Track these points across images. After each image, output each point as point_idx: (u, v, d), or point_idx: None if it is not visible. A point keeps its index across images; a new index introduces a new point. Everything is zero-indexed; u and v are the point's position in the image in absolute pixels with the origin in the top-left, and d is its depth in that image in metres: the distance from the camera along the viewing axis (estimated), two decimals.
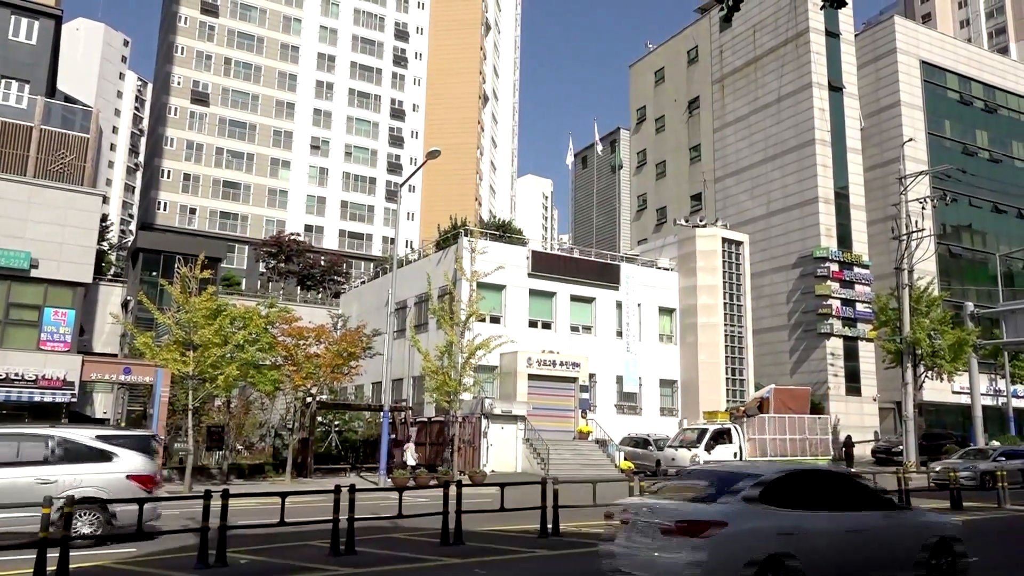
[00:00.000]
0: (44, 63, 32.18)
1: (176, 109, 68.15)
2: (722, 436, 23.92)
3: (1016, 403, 46.83)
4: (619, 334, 39.69)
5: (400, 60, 79.75)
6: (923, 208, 40.91)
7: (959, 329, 38.28)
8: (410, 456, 29.20)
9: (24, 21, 31.72)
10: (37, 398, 25.52)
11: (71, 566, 9.35)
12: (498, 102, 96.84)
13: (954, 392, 47.86)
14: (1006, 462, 25.79)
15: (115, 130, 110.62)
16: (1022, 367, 46.78)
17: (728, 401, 40.19)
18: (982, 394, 42.08)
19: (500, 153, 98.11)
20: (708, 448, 23.39)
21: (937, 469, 26.42)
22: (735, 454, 23.69)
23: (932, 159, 52.42)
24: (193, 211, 67.41)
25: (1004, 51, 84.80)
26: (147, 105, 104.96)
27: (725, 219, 49.07)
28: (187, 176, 67.74)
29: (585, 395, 35.95)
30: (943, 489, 24.10)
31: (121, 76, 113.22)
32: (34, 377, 25.51)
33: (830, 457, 26.52)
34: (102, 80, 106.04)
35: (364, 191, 75.47)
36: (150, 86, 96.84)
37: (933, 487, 24.27)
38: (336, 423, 35.21)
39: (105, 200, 44.88)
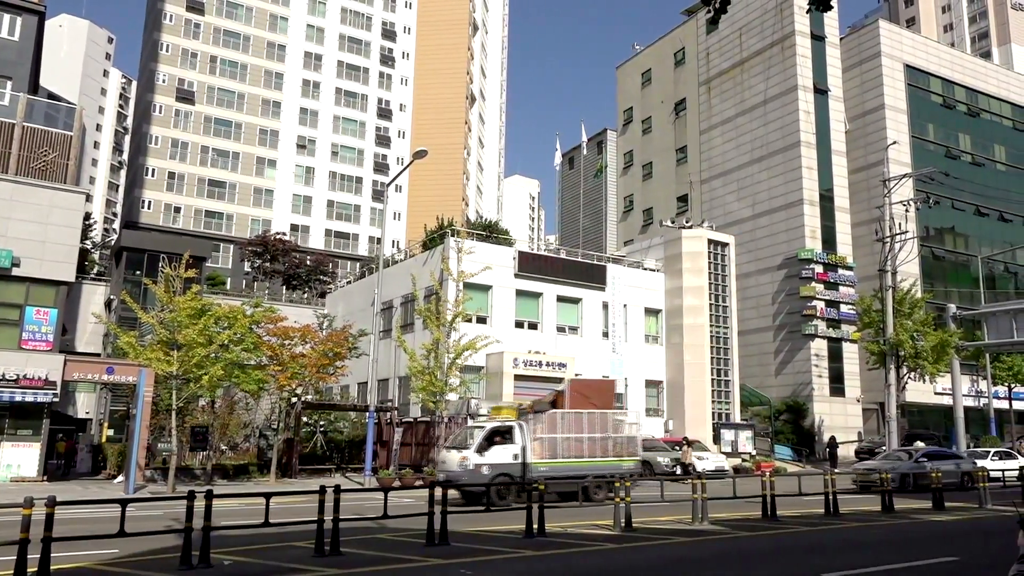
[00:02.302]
0: (27, 60, 31.88)
1: (161, 107, 67.69)
2: (502, 435, 20.51)
3: (997, 404, 47.30)
4: (605, 335, 39.78)
5: (387, 59, 79.58)
6: (907, 210, 41.24)
7: (942, 331, 38.62)
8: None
9: (6, 17, 31.41)
10: (18, 398, 25.28)
11: (52, 567, 9.26)
12: (485, 102, 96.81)
13: (936, 393, 48.30)
14: (928, 463, 25.33)
15: (99, 128, 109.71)
16: (1003, 369, 47.21)
17: (714, 403, 40.43)
18: (964, 395, 42.46)
19: (487, 153, 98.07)
20: (481, 449, 19.96)
21: (861, 470, 26.30)
22: (516, 456, 20.34)
23: (916, 162, 52.88)
24: (178, 210, 66.97)
25: (987, 55, 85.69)
26: (131, 103, 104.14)
27: (711, 220, 49.32)
28: (172, 175, 67.28)
29: None
30: (866, 491, 24.11)
31: (105, 73, 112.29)
32: (15, 376, 25.26)
33: (637, 458, 23.11)
34: (86, 77, 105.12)
35: (350, 191, 75.25)
36: (135, 84, 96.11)
37: (856, 488, 24.37)
38: (321, 423, 35.09)
39: (88, 198, 44.57)
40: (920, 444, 32.56)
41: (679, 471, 29.86)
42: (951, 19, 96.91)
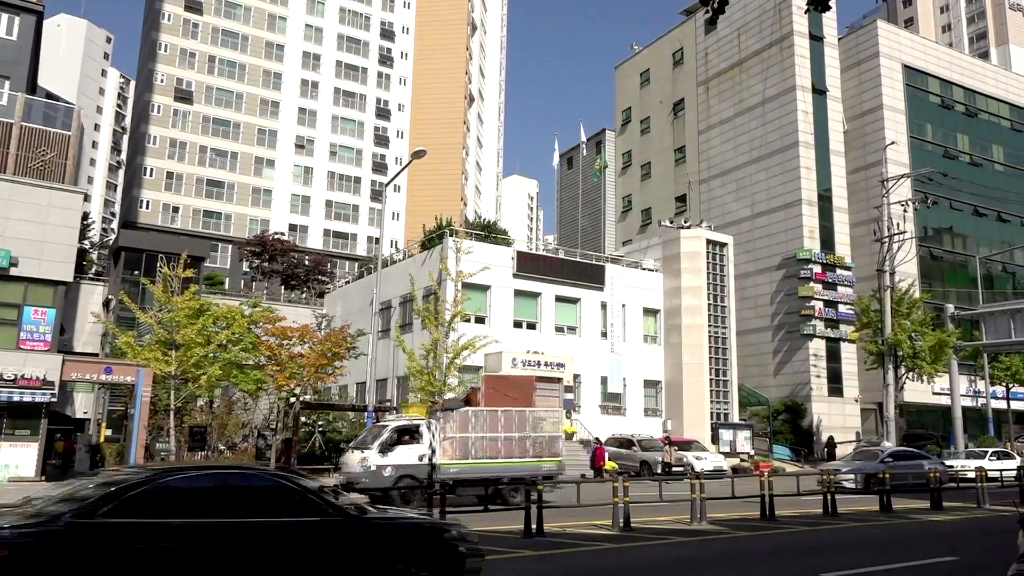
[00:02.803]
0: (25, 59, 31.84)
1: (159, 107, 67.63)
2: (409, 434, 19.24)
3: (995, 404, 47.35)
4: (604, 335, 39.78)
5: (386, 59, 79.55)
6: (905, 211, 41.30)
7: (940, 331, 38.66)
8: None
9: (4, 16, 31.36)
10: (16, 398, 25.24)
11: None
12: (484, 102, 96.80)
13: (934, 393, 48.32)
14: (894, 463, 24.73)
15: (97, 128, 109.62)
16: (1001, 369, 47.27)
17: (712, 403, 40.43)
18: (962, 395, 42.50)
19: (486, 153, 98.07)
20: (384, 449, 18.59)
21: (829, 470, 25.79)
22: (423, 456, 19.01)
23: (914, 162, 52.91)
24: (176, 210, 66.91)
25: (984, 56, 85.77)
26: (130, 103, 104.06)
27: (709, 221, 49.31)
28: (170, 174, 67.22)
29: (569, 395, 35.99)
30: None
31: (104, 73, 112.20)
32: (13, 377, 25.22)
33: (559, 459, 21.50)
34: (84, 77, 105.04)
35: (349, 191, 75.22)
36: (133, 83, 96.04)
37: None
38: (320, 423, 35.06)
39: (87, 198, 44.50)
40: (888, 444, 32.13)
41: (659, 470, 29.97)
42: (949, 19, 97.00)
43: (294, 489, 6.78)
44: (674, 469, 29.95)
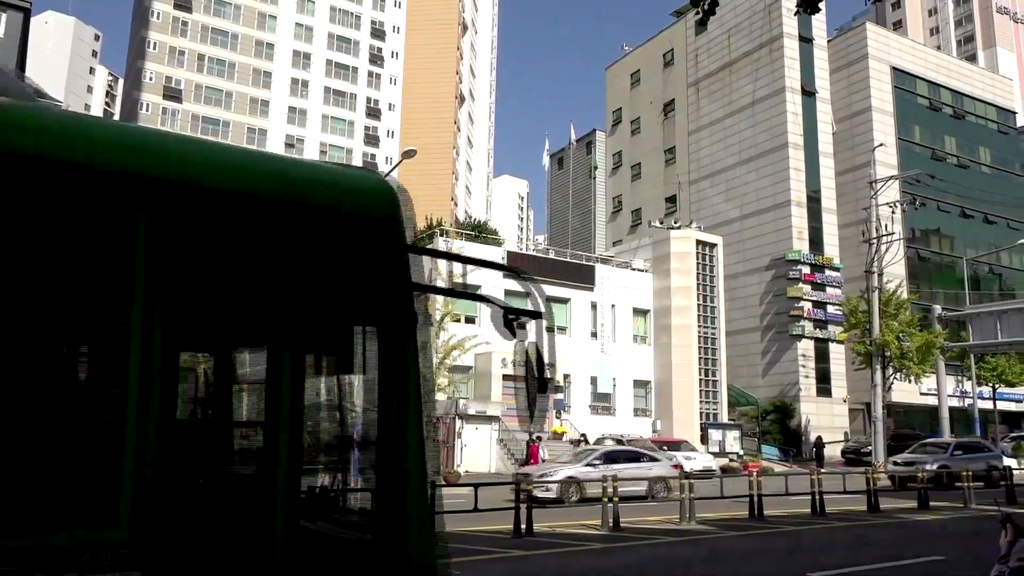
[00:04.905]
0: (12, 57, 31.60)
1: (148, 105, 67.25)
2: None
3: (981, 404, 47.63)
4: (594, 335, 39.83)
5: (376, 59, 79.38)
6: (893, 212, 41.50)
7: (927, 332, 38.87)
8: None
9: None
10: None
11: None
12: (474, 102, 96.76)
13: (922, 393, 48.59)
14: (614, 465, 19.56)
15: None
16: (988, 369, 47.56)
17: (702, 403, 40.53)
18: (949, 395, 42.73)
19: (476, 153, 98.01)
20: None
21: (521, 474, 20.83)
22: None
23: (902, 164, 53.21)
24: None
25: (972, 59, 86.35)
26: (118, 101, 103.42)
27: (699, 221, 49.46)
28: None
29: (559, 395, 36.04)
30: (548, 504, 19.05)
31: (92, 71, 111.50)
32: None
33: None
34: (72, 75, 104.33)
35: None
36: (121, 82, 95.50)
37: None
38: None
39: None
40: (609, 442, 27.92)
41: None
42: (937, 22, 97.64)
43: None
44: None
